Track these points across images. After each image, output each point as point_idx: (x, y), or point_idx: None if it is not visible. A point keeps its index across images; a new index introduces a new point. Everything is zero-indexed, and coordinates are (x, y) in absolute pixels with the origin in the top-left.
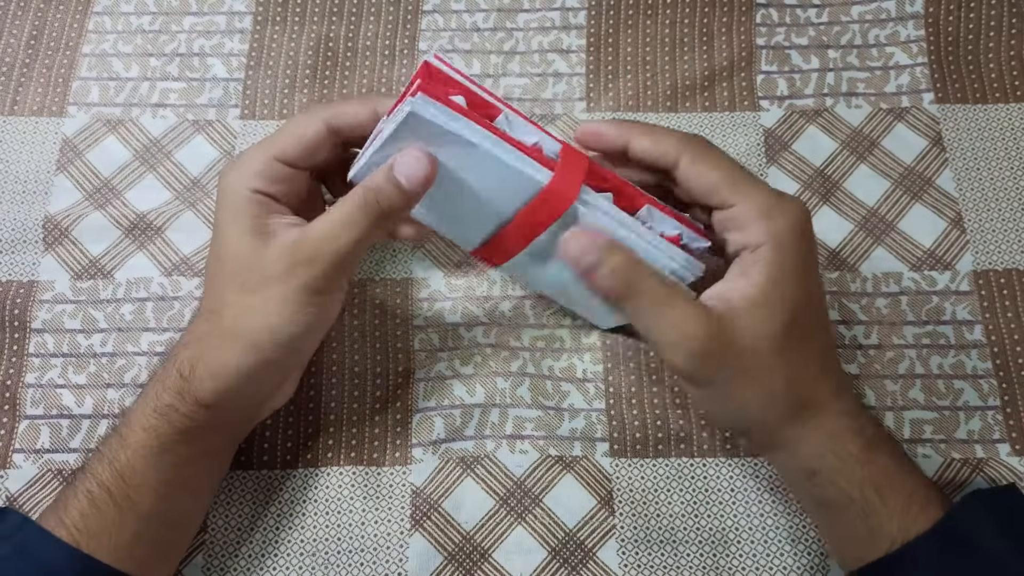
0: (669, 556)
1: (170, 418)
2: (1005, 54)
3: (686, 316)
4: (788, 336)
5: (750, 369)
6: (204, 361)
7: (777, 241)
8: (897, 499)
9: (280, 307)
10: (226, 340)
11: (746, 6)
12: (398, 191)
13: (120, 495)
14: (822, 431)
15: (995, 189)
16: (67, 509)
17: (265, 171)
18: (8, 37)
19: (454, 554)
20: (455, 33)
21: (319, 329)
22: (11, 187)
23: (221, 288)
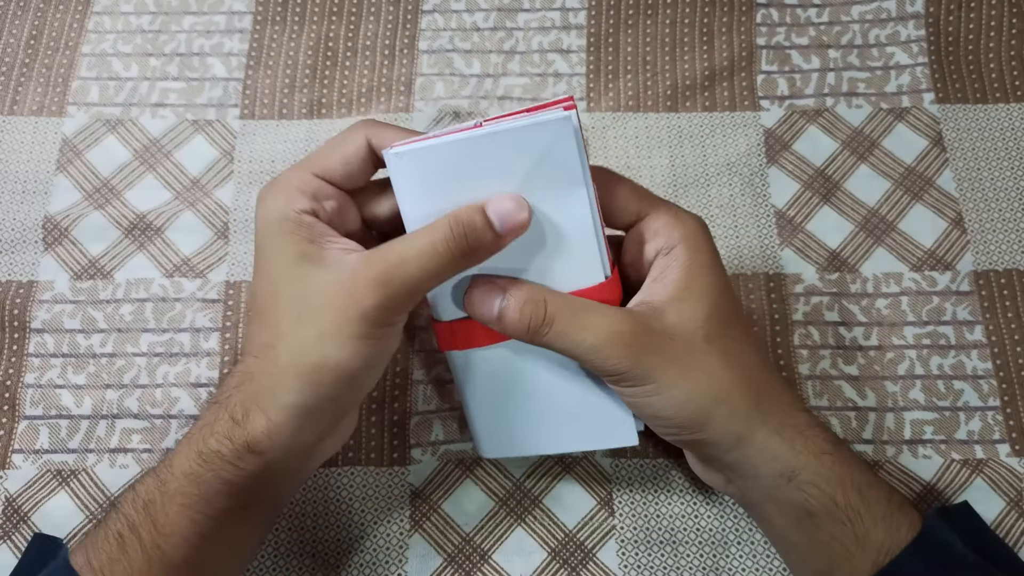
0: (669, 557)
1: (215, 466)
2: (1005, 54)
3: (610, 316)
4: (715, 323)
5: (683, 354)
6: (257, 401)
7: (689, 241)
8: (879, 502)
9: (339, 338)
10: (281, 377)
11: (746, 6)
12: (490, 231)
13: (151, 543)
14: (791, 427)
15: (995, 189)
16: (96, 548)
17: (308, 189)
18: (8, 37)
19: (454, 555)
20: (455, 33)
21: (379, 364)
22: (11, 187)
23: (275, 320)
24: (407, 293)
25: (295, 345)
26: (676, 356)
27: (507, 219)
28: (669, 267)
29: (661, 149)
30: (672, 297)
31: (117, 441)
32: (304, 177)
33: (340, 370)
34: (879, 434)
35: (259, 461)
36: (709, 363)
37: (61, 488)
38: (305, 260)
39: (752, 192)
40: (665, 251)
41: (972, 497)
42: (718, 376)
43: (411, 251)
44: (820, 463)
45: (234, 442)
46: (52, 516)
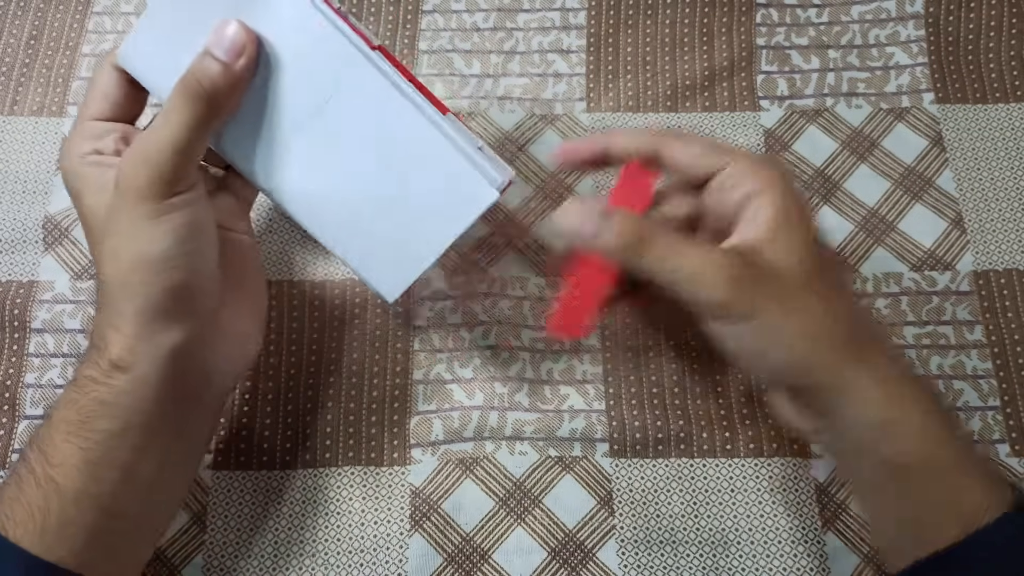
0: (669, 556)
1: (88, 389)
2: (1005, 54)
3: (711, 251)
4: (812, 265)
5: (786, 295)
6: (108, 320)
7: (776, 185)
8: (975, 464)
9: (133, 228)
10: (111, 289)
11: (746, 6)
12: (218, 64)
13: (42, 474)
14: (891, 378)
15: (995, 189)
16: (1, 495)
17: (86, 134)
18: (8, 37)
19: (454, 555)
20: (455, 33)
21: (191, 242)
22: (11, 187)
23: (94, 245)
24: (169, 158)
25: (108, 255)
26: (778, 293)
27: (227, 45)
28: (761, 208)
29: None
30: (767, 237)
31: None
32: (80, 127)
33: (151, 256)
34: None
35: (128, 376)
36: (811, 305)
37: None
38: (96, 188)
39: None
40: (755, 194)
41: None
42: (820, 319)
43: (159, 119)
44: (919, 418)
45: (101, 364)
46: None
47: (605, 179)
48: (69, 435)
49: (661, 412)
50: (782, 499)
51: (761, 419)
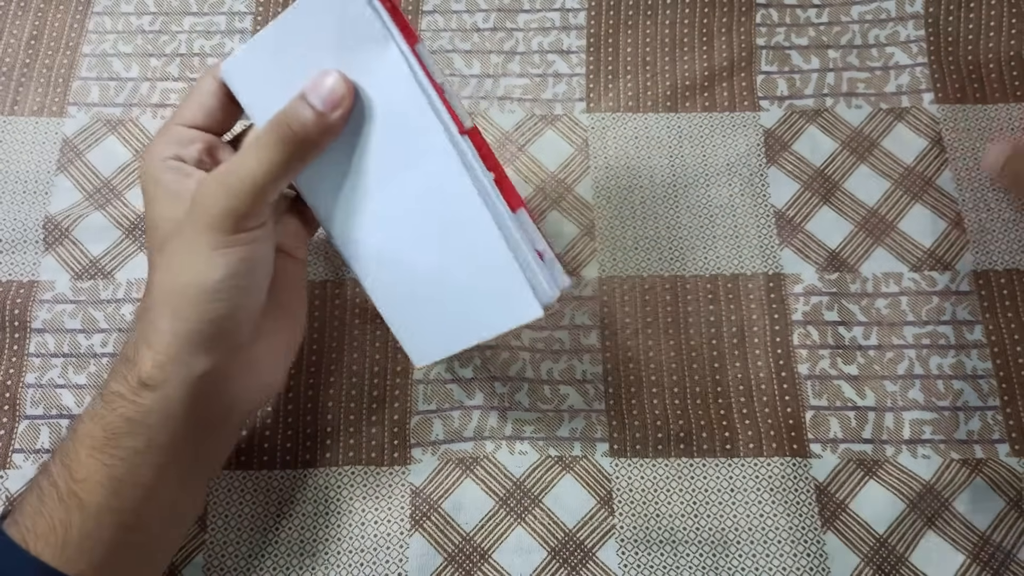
0: (669, 556)
1: (115, 405)
2: (1005, 54)
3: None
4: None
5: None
6: (145, 336)
7: None
8: None
9: (195, 254)
10: (156, 306)
11: (746, 6)
12: (313, 112)
13: (65, 489)
14: None
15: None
16: (22, 507)
17: (172, 138)
18: (8, 37)
19: (454, 555)
20: (455, 33)
21: (249, 275)
22: (11, 187)
23: (151, 256)
24: (248, 195)
25: (163, 272)
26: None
27: (325, 95)
28: None
29: (661, 149)
30: None
31: None
32: (169, 129)
33: (204, 286)
34: (878, 434)
35: (155, 395)
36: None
37: None
38: (171, 198)
39: (752, 192)
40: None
41: (972, 497)
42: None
43: (246, 152)
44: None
45: (129, 380)
46: None
47: None
48: (94, 451)
49: (661, 412)
50: (782, 499)
51: (761, 419)
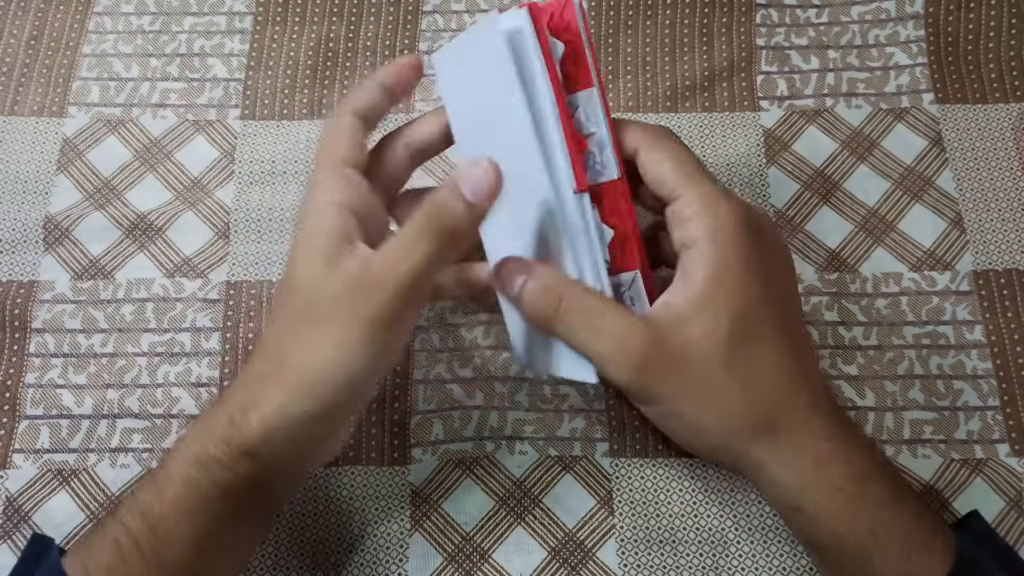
0: (669, 556)
1: (212, 471)
2: (1005, 54)
3: (621, 328)
4: (737, 340)
5: (697, 381)
6: (257, 404)
7: (717, 236)
8: (894, 542)
9: (339, 345)
10: (283, 381)
11: (746, 6)
12: (464, 205)
13: (149, 550)
14: (802, 459)
15: (995, 189)
16: (93, 556)
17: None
18: (8, 37)
19: (454, 555)
20: (455, 33)
21: (380, 371)
22: (11, 187)
23: (288, 322)
24: (401, 292)
25: (300, 350)
26: (690, 382)
27: (478, 189)
28: (693, 265)
29: None
30: (692, 305)
31: (118, 441)
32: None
33: (341, 377)
34: (878, 434)
35: (255, 465)
36: (725, 393)
37: (62, 488)
38: (325, 260)
39: (752, 192)
40: (695, 242)
41: (972, 497)
42: (733, 407)
43: (397, 248)
44: (830, 499)
45: (231, 446)
46: (53, 516)
47: None
48: (182, 514)
49: None
50: None
51: None
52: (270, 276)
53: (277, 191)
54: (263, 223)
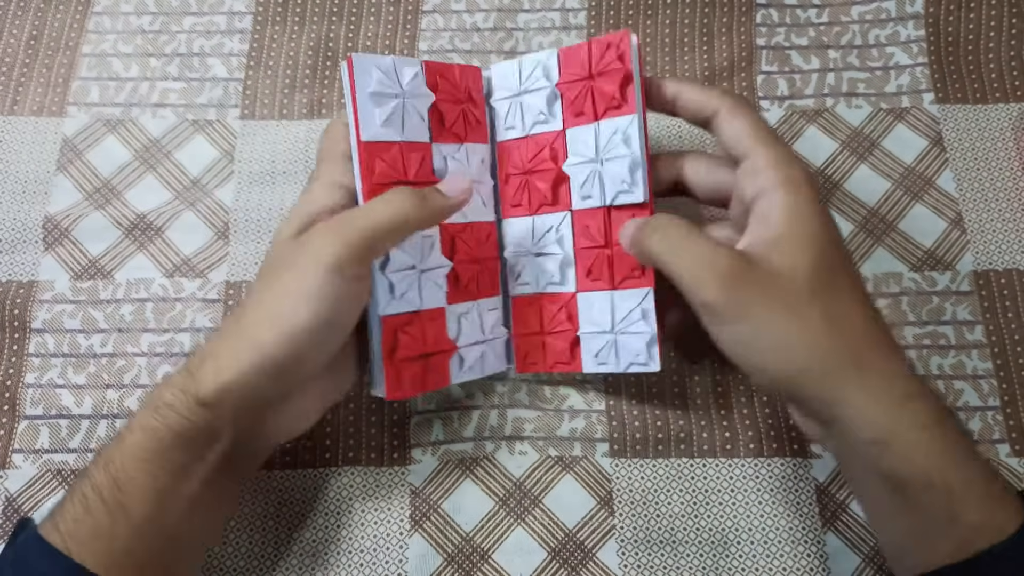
0: (669, 557)
1: (167, 418)
2: (1005, 54)
3: (714, 249)
4: (821, 274)
5: (785, 302)
6: (214, 356)
7: (792, 184)
8: (978, 484)
9: (298, 293)
10: (240, 332)
11: (746, 6)
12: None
13: (112, 500)
14: (889, 394)
15: (995, 189)
16: (63, 513)
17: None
18: (8, 37)
19: (454, 555)
20: (455, 33)
21: (331, 328)
22: (11, 187)
23: (257, 283)
24: (368, 238)
25: (259, 303)
26: (777, 299)
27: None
28: (772, 209)
29: (661, 149)
30: (776, 240)
31: None
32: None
33: (299, 320)
34: None
35: (211, 415)
36: (810, 316)
37: (62, 488)
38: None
39: None
40: (767, 191)
41: None
42: (818, 332)
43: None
44: (917, 436)
45: (187, 394)
46: None
47: None
48: (141, 462)
49: (661, 412)
50: (782, 499)
51: (761, 419)
52: None
53: (277, 191)
54: (263, 223)
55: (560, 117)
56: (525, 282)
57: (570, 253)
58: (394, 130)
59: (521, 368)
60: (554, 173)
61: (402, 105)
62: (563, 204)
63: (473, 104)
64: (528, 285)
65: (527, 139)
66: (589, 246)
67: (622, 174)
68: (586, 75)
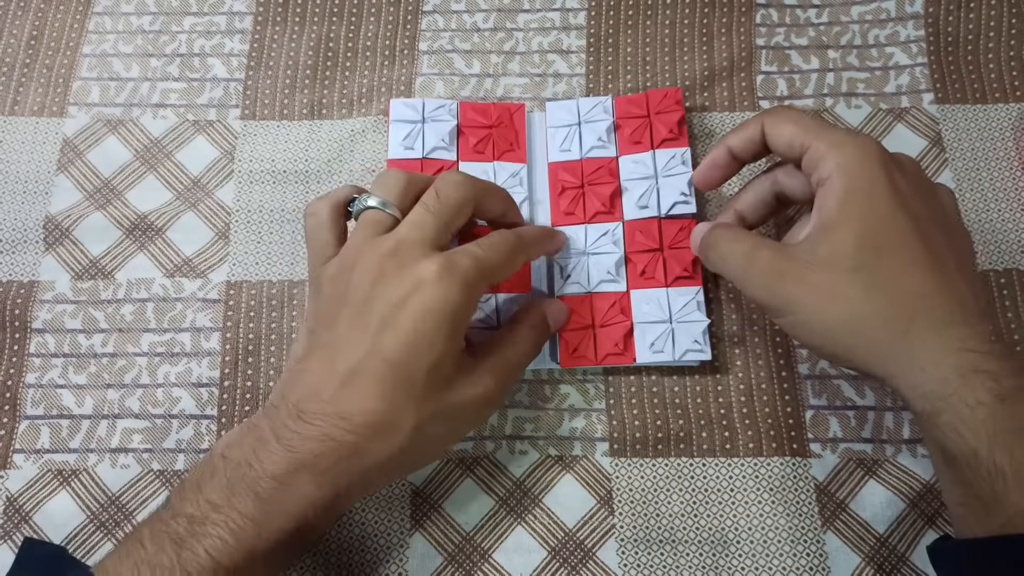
0: (669, 556)
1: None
2: (1005, 54)
3: (751, 247)
4: (866, 251)
5: (821, 287)
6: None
7: (845, 169)
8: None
9: None
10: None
11: (746, 6)
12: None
13: None
14: (942, 366)
15: (995, 189)
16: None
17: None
18: (8, 37)
19: (454, 554)
20: (455, 33)
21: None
22: (12, 187)
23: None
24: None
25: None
26: (814, 286)
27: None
28: (825, 197)
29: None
30: (824, 227)
31: (118, 441)
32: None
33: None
34: (878, 433)
35: None
36: (850, 295)
37: (62, 488)
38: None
39: None
40: (825, 180)
41: None
42: (857, 307)
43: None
44: (970, 410)
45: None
46: (53, 516)
47: None
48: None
49: (661, 412)
50: (782, 499)
51: (761, 419)
52: (270, 276)
53: (277, 191)
54: (263, 223)
55: (615, 145)
56: (575, 282)
57: (623, 254)
58: (414, 150)
59: (566, 362)
60: (613, 187)
61: (421, 129)
62: (618, 214)
63: (506, 129)
64: (578, 285)
65: (583, 160)
66: (643, 249)
67: (681, 187)
68: (644, 114)
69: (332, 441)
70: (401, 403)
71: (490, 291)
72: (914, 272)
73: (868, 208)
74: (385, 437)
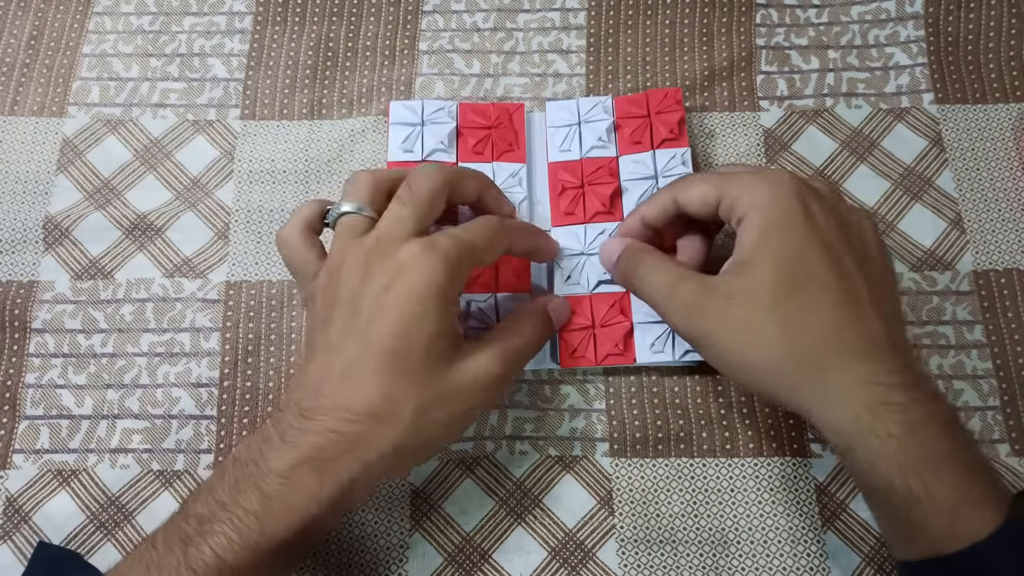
0: (669, 556)
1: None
2: (1005, 54)
3: (675, 274)
4: (782, 286)
5: (740, 321)
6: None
7: (759, 205)
8: (945, 496)
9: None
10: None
11: (746, 6)
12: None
13: None
14: (854, 401)
15: (994, 189)
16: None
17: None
18: (8, 37)
19: (454, 555)
20: (455, 33)
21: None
22: (11, 187)
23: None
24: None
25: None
26: (732, 321)
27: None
28: (743, 232)
29: None
30: (742, 262)
31: (118, 441)
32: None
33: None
34: None
35: None
36: (765, 332)
37: (62, 488)
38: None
39: None
40: (740, 221)
41: None
42: (773, 347)
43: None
44: (880, 443)
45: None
46: (53, 516)
47: None
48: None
49: (661, 412)
50: (782, 499)
51: (761, 419)
52: (270, 276)
53: (277, 191)
54: (263, 223)
55: (615, 145)
56: (575, 283)
57: None
58: (414, 153)
59: (566, 363)
60: (613, 187)
61: (420, 132)
62: (618, 214)
63: (505, 130)
64: (579, 286)
65: (583, 160)
66: None
67: None
68: (644, 114)
69: (334, 433)
70: (400, 387)
71: (490, 291)
72: (826, 306)
73: (784, 242)
74: (387, 423)
